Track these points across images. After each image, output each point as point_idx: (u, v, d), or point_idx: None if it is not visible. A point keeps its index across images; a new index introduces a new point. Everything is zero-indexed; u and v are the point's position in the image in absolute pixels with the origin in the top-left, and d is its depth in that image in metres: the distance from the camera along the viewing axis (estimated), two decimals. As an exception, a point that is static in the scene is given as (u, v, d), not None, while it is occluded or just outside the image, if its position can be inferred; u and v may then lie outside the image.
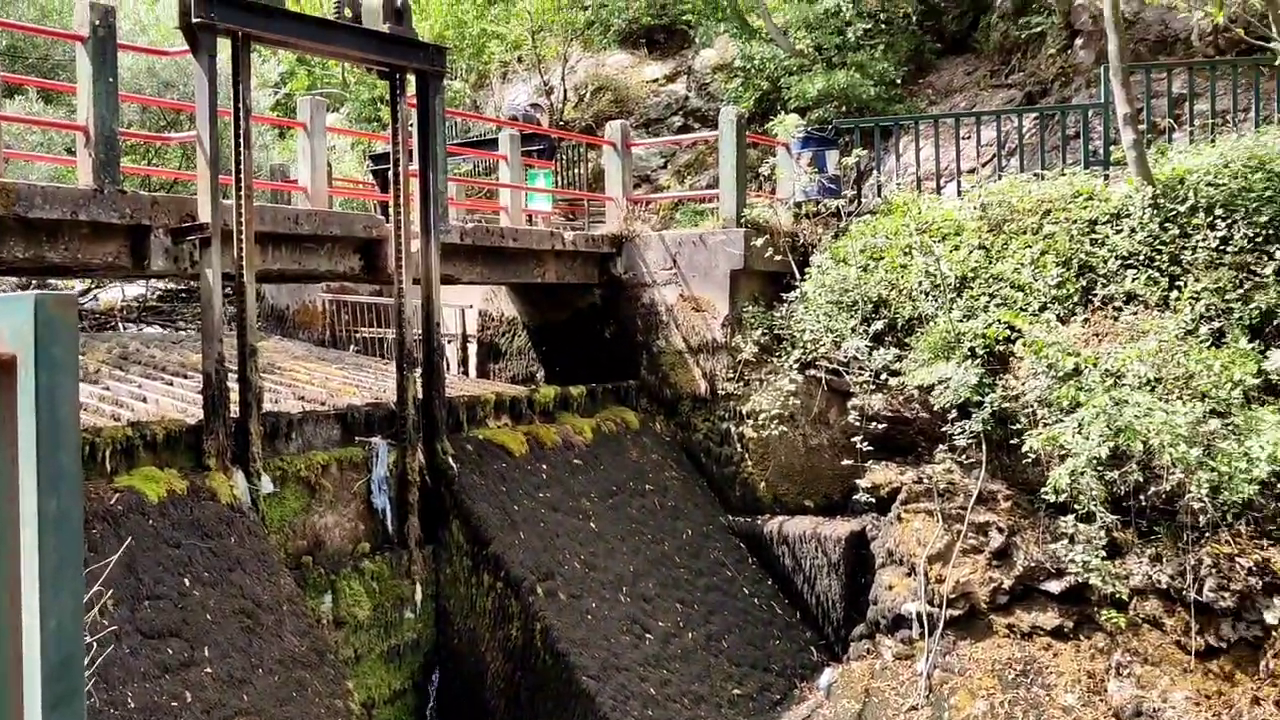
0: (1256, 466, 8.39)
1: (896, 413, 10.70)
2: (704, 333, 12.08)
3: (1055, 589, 9.30)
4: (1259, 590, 8.41)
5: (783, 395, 11.18)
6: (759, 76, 17.42)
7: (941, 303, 10.55)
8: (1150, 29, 14.03)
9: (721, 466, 11.98)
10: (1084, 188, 11.04)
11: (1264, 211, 9.90)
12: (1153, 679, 8.59)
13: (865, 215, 12.32)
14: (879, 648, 9.96)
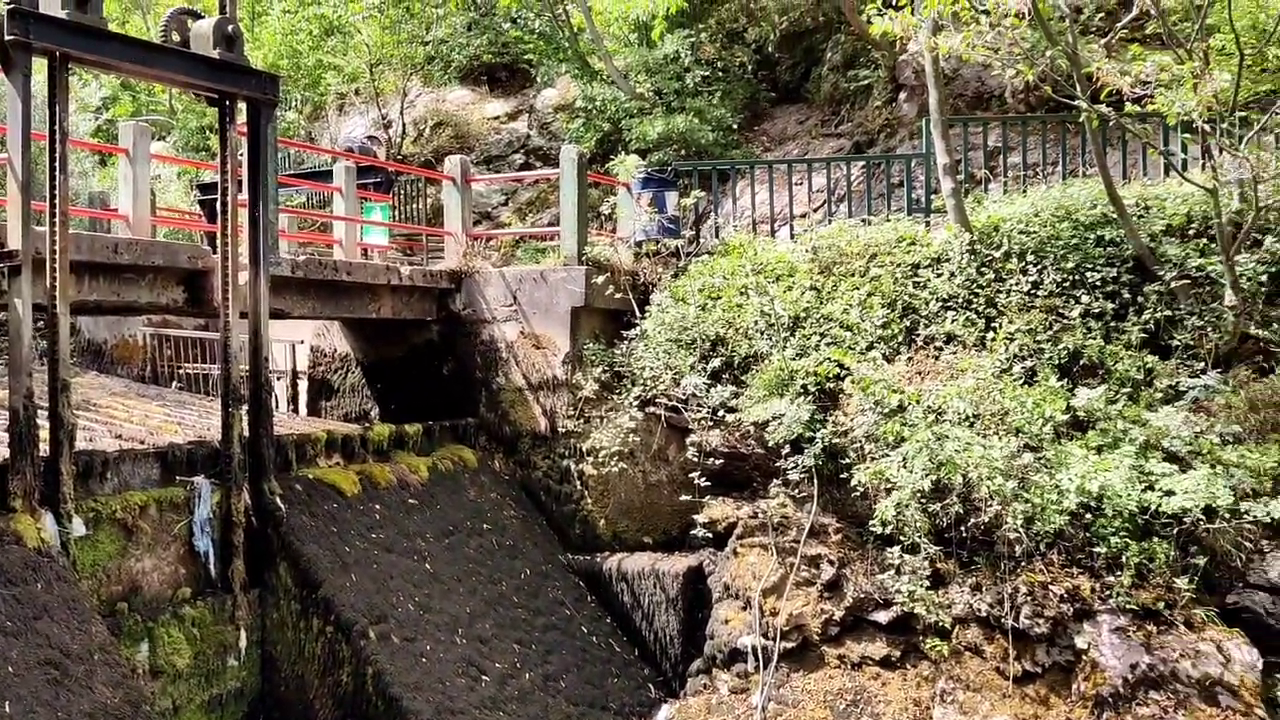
0: (1066, 498, 8.89)
1: (733, 449, 10.89)
2: (545, 370, 12.06)
3: (883, 619, 9.58)
4: (1070, 616, 8.86)
5: (623, 432, 11.24)
6: (600, 118, 17.63)
7: (776, 341, 10.84)
8: (968, 85, 14.85)
9: (561, 504, 11.93)
10: (907, 233, 11.56)
11: (1071, 258, 10.57)
12: (974, 704, 8.92)
13: (704, 255, 12.59)
14: (715, 682, 10.04)
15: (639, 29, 18.01)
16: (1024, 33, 9.57)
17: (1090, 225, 10.89)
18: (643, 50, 17.86)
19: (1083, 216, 10.94)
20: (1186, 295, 10.30)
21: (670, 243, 12.69)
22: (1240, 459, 9.14)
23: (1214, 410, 9.65)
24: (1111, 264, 10.59)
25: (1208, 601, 8.95)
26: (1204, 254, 10.41)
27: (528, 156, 19.39)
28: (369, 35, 20.77)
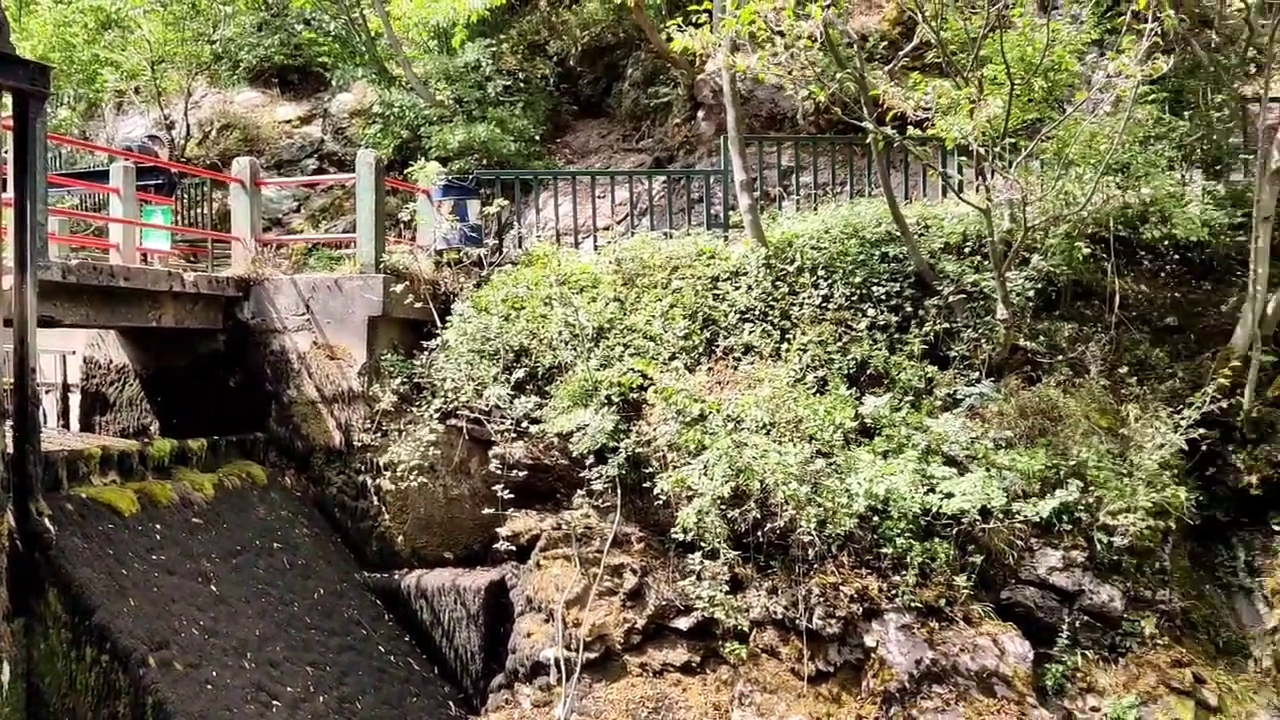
0: (856, 501, 9.27)
1: (537, 460, 10.82)
2: (340, 382, 11.65)
3: (684, 625, 9.70)
4: (860, 616, 9.22)
5: (423, 445, 10.98)
6: (399, 124, 17.26)
7: (580, 352, 10.85)
8: (762, 106, 15.35)
9: (358, 521, 11.54)
10: (707, 247, 11.83)
11: (858, 274, 11.06)
12: (771, 706, 9.15)
13: (507, 265, 12.49)
14: (518, 697, 9.91)
15: (439, 36, 17.76)
16: (816, 55, 9.97)
17: (876, 242, 11.43)
18: (443, 58, 17.62)
19: (869, 234, 11.48)
20: (963, 309, 10.94)
21: (473, 252, 12.53)
22: (1012, 462, 9.76)
23: (988, 417, 10.29)
24: (895, 279, 11.15)
25: (984, 597, 9.51)
26: (978, 270, 11.10)
27: (321, 162, 18.76)
28: (150, 31, 19.62)
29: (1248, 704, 9.37)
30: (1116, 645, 9.51)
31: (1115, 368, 10.86)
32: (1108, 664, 9.42)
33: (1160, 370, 10.93)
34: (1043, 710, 8.86)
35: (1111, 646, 9.51)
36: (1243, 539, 10.61)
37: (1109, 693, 9.22)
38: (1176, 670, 9.42)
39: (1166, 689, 9.33)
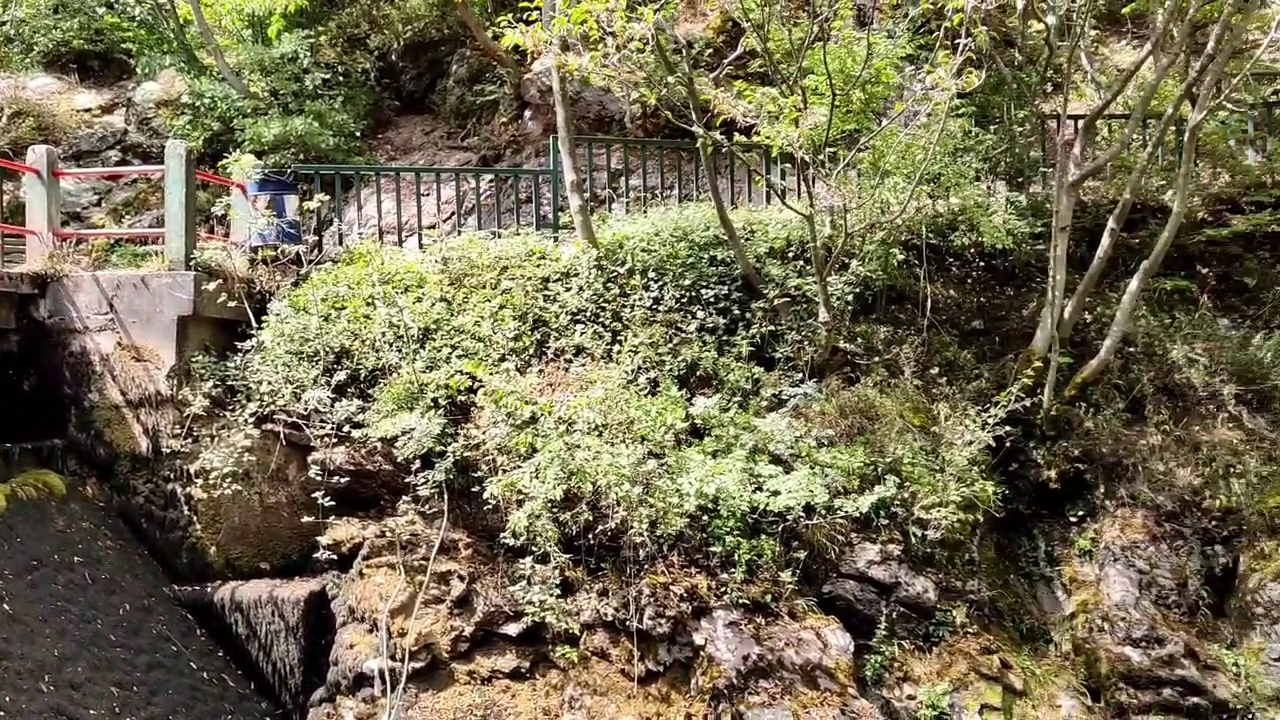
0: (686, 501, 9.34)
1: (360, 466, 10.47)
2: (147, 385, 11.00)
3: (514, 631, 9.55)
4: (689, 614, 9.30)
5: (237, 451, 10.47)
6: (210, 116, 16.47)
7: (405, 353, 10.57)
8: (590, 108, 15.37)
9: (167, 532, 10.91)
10: (537, 247, 11.73)
11: (688, 276, 11.18)
12: (601, 708, 9.11)
13: (327, 264, 12.06)
14: (340, 710, 9.56)
15: (254, 25, 17.04)
16: (646, 58, 10.03)
17: (705, 246, 11.59)
18: (258, 48, 16.91)
19: (698, 237, 11.63)
20: (787, 312, 11.21)
21: (290, 249, 12.04)
22: (833, 460, 10.05)
23: (811, 416, 10.57)
24: (723, 282, 11.33)
25: (808, 592, 9.75)
26: (801, 275, 11.40)
27: (125, 154, 17.69)
28: (-70, 7, 18.14)
29: (1050, 686, 9.93)
30: (930, 635, 9.92)
31: (927, 368, 11.34)
32: (922, 653, 9.80)
33: (968, 371, 11.48)
34: (863, 700, 9.14)
35: (926, 636, 9.91)
36: (1043, 530, 11.25)
37: (924, 681, 9.59)
38: (985, 657, 9.89)
39: (977, 675, 9.78)
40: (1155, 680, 9.85)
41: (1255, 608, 10.16)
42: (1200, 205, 12.32)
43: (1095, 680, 10.07)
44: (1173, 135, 12.99)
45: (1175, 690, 9.81)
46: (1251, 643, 10.08)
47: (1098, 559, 10.74)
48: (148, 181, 16.37)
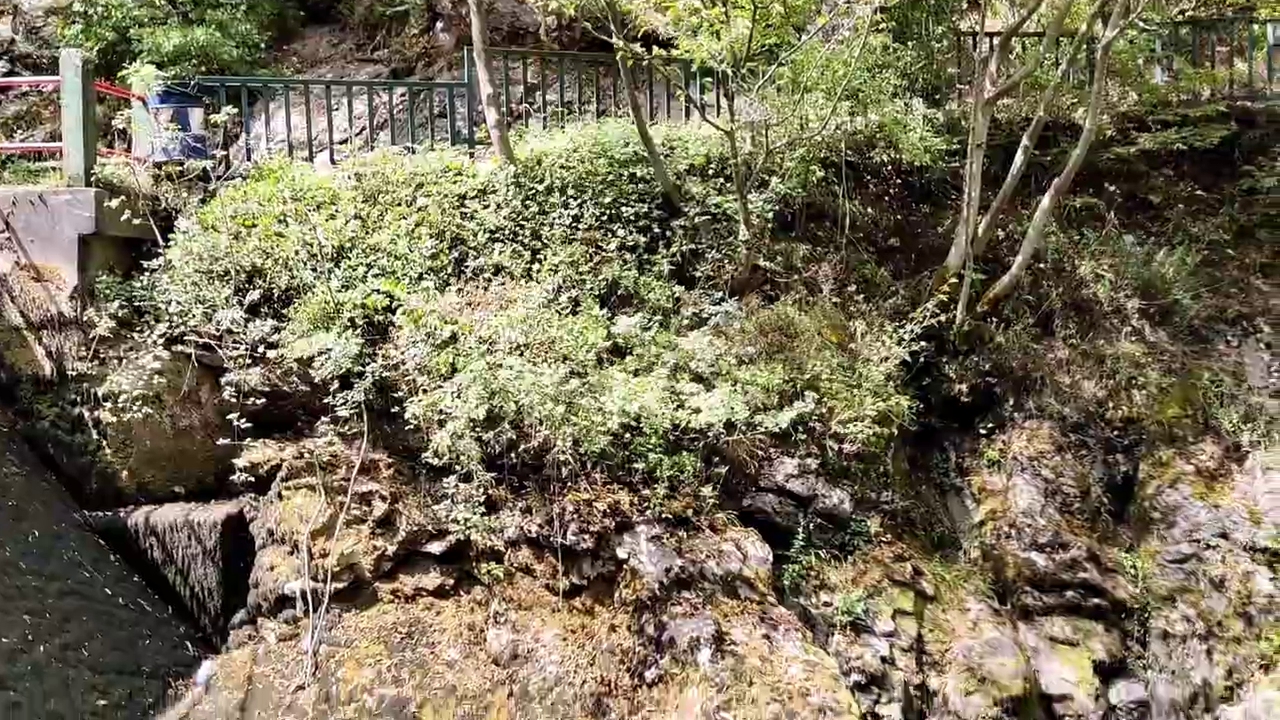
0: (609, 419, 9.38)
1: (275, 387, 10.28)
2: (48, 306, 10.59)
3: (437, 549, 9.56)
4: (612, 530, 9.40)
5: (146, 374, 10.17)
6: (104, 24, 15.64)
7: (320, 273, 10.34)
8: (504, 20, 14.99)
9: (75, 457, 10.60)
10: (453, 164, 11.49)
11: (608, 194, 11.08)
12: (526, 622, 9.21)
13: (235, 180, 11.68)
14: (262, 631, 9.52)
15: (149, -73, 16.15)
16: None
17: (625, 163, 11.48)
18: (151, -47, 16.05)
19: (618, 154, 11.50)
20: (707, 230, 11.21)
21: (196, 164, 11.60)
22: (753, 377, 10.17)
23: (731, 335, 10.65)
24: (644, 200, 11.26)
25: (728, 506, 9.93)
26: (721, 192, 11.38)
27: (13, 65, 16.77)
28: None
29: (959, 591, 10.32)
30: (846, 544, 10.20)
31: (845, 286, 11.49)
32: (839, 562, 10.09)
33: (885, 288, 11.67)
34: (781, 608, 9.39)
35: (842, 546, 10.19)
36: (954, 443, 11.60)
37: (840, 588, 9.89)
38: (898, 564, 10.23)
39: (890, 582, 10.12)
40: (1059, 583, 10.31)
41: (1153, 513, 10.64)
42: (1109, 123, 12.56)
43: (1002, 584, 10.50)
44: (1085, 54, 13.16)
45: (1077, 592, 10.29)
46: (1149, 546, 10.58)
47: (1006, 469, 11.12)
48: (40, 94, 15.58)
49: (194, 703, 8.78)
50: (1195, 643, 9.84)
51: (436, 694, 8.71)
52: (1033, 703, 9.69)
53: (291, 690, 8.90)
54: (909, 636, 9.90)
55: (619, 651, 8.85)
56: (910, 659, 9.81)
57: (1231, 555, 10.02)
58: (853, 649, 9.60)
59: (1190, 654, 9.84)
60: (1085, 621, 10.21)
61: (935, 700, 9.74)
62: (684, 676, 8.62)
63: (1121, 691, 10.01)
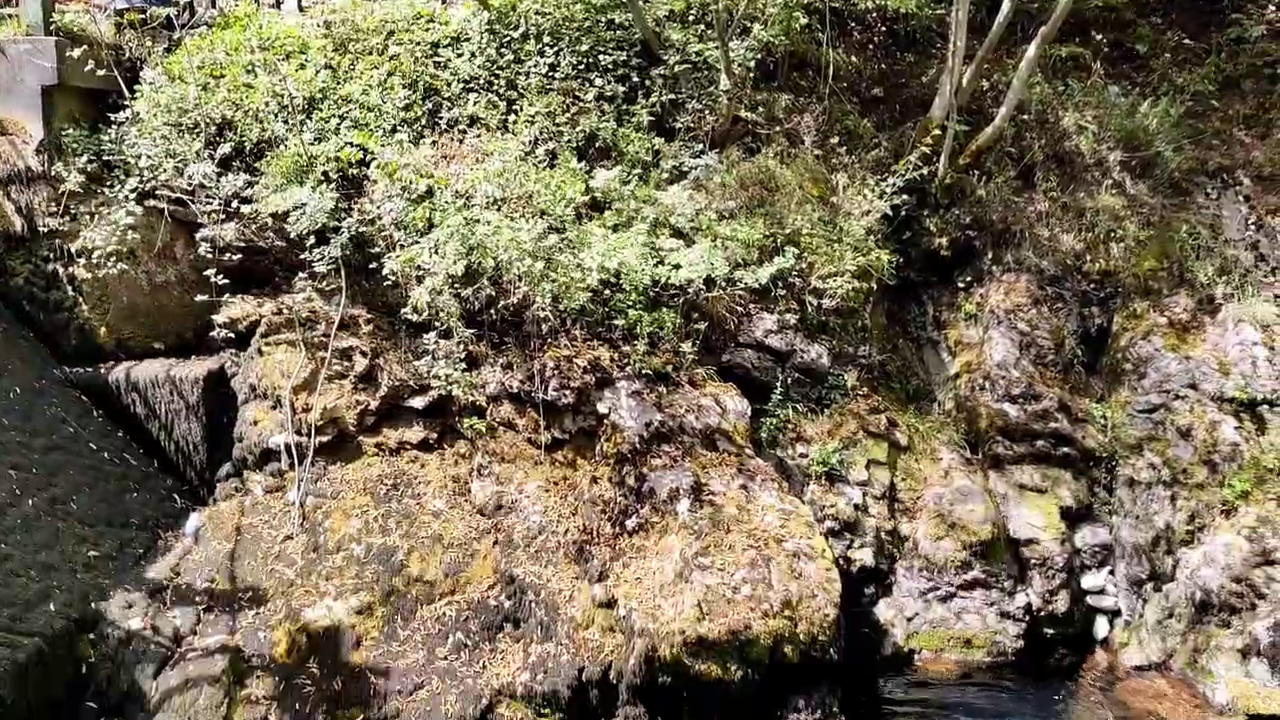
0: (589, 275, 9.36)
1: (251, 243, 10.19)
2: (15, 161, 10.35)
3: (420, 404, 9.66)
4: (592, 385, 9.50)
5: (119, 229, 10.03)
6: None
7: (291, 125, 10.11)
8: None
9: (51, 313, 10.54)
10: (424, 10, 11.14)
11: (585, 41, 10.78)
12: (510, 475, 9.39)
13: (200, 28, 11.28)
14: (248, 485, 9.67)
15: None
16: None
17: (601, 8, 11.14)
18: None
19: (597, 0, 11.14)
20: (687, 80, 10.97)
21: (160, 12, 11.18)
22: (733, 232, 10.12)
23: (711, 189, 10.55)
24: (622, 48, 10.97)
25: (707, 361, 10.03)
26: (702, 40, 11.09)
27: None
28: None
29: (932, 441, 10.54)
30: (823, 398, 10.36)
31: (827, 138, 11.33)
32: (815, 415, 10.27)
33: (867, 140, 11.52)
34: (759, 460, 9.59)
35: (818, 399, 10.35)
36: (932, 296, 11.66)
37: (816, 440, 10.09)
38: (874, 417, 10.42)
39: (865, 433, 10.33)
40: (1030, 433, 10.53)
41: (1125, 364, 10.81)
42: (1099, -32, 12.23)
43: (974, 435, 10.73)
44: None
45: (1048, 442, 10.52)
46: (1119, 396, 10.78)
47: (982, 322, 11.22)
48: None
49: (184, 553, 8.98)
50: (1160, 489, 10.14)
51: (423, 543, 8.93)
52: (1000, 547, 10.03)
53: (280, 540, 9.10)
54: (882, 485, 10.17)
55: (600, 502, 9.05)
56: (883, 506, 10.10)
57: (1199, 405, 10.23)
58: (827, 498, 9.87)
59: (1154, 500, 10.15)
60: (1054, 470, 10.48)
61: (906, 545, 10.07)
62: (664, 525, 8.86)
63: (1086, 535, 10.36)
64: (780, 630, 8.18)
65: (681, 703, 8.19)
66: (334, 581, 8.69)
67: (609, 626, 8.35)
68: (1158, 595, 9.90)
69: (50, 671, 7.39)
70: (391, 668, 8.17)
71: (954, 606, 9.89)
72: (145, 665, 7.88)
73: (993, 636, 9.80)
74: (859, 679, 9.14)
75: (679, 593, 8.31)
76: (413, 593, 8.64)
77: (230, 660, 7.95)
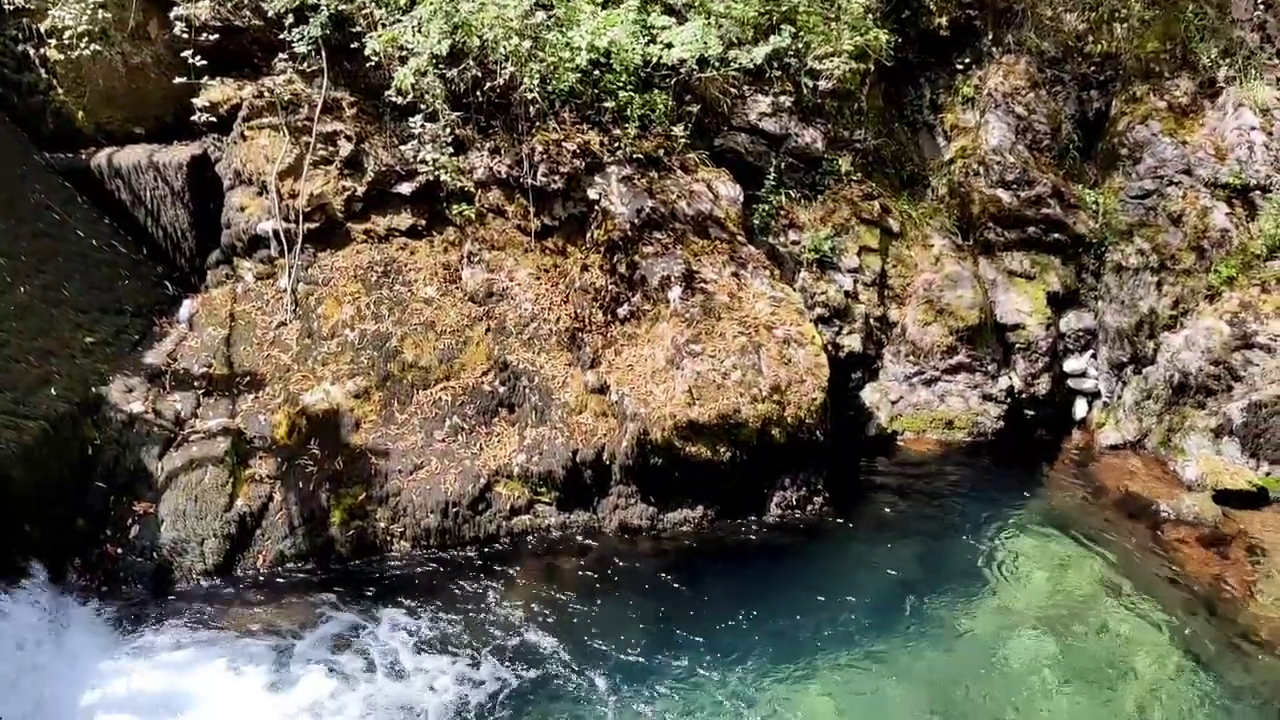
0: (577, 55, 9.07)
1: (227, 22, 9.77)
2: (-31, -69, 9.79)
3: (407, 190, 9.53)
4: (582, 170, 9.36)
5: (89, 7, 9.59)
6: None
7: (260, -108, 9.52)
8: None
9: (25, 97, 10.19)
10: None
11: None
12: (500, 262, 9.39)
13: None
14: (239, 271, 9.67)
15: None
16: None
17: None
18: None
19: None
20: None
21: None
22: (727, 9, 9.76)
23: (704, -39, 10.08)
24: None
25: (699, 146, 9.88)
26: None
27: None
28: None
29: (925, 228, 10.53)
30: (816, 184, 10.27)
31: (827, -93, 10.75)
32: (808, 201, 10.21)
33: (869, -90, 10.93)
34: (750, 247, 9.59)
35: (812, 185, 10.26)
36: (929, 79, 11.38)
37: (808, 227, 10.07)
38: (867, 203, 10.36)
39: (858, 220, 10.30)
40: (1022, 219, 10.52)
41: (1121, 149, 10.69)
42: None
43: (967, 221, 10.71)
44: None
45: (1039, 228, 10.53)
46: (1113, 182, 10.71)
47: (979, 105, 11.01)
48: None
49: (180, 339, 9.07)
50: (1147, 275, 10.22)
51: (416, 329, 9.02)
52: (987, 332, 10.19)
53: (274, 327, 9.19)
54: (873, 272, 10.22)
55: (592, 290, 9.10)
56: (873, 293, 10.19)
57: (1192, 191, 10.19)
58: (818, 285, 9.94)
59: (1141, 285, 10.25)
60: (1044, 255, 10.53)
61: (894, 331, 10.23)
62: (655, 313, 8.94)
63: (1071, 320, 10.52)
64: (768, 414, 8.40)
65: (672, 482, 8.50)
66: (330, 367, 8.83)
67: (602, 411, 8.56)
68: (1137, 378, 10.15)
69: (57, 452, 7.58)
70: (391, 449, 8.42)
71: (938, 390, 10.14)
72: (150, 447, 8.08)
73: (974, 418, 10.10)
74: (844, 459, 9.47)
75: (670, 379, 8.48)
76: (408, 378, 8.80)
77: (232, 442, 8.17)
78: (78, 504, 7.75)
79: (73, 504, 7.72)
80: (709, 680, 7.19)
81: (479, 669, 7.12)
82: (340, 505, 8.09)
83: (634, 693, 7.03)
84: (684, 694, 7.07)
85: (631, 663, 7.28)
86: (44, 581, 7.36)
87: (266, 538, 7.97)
